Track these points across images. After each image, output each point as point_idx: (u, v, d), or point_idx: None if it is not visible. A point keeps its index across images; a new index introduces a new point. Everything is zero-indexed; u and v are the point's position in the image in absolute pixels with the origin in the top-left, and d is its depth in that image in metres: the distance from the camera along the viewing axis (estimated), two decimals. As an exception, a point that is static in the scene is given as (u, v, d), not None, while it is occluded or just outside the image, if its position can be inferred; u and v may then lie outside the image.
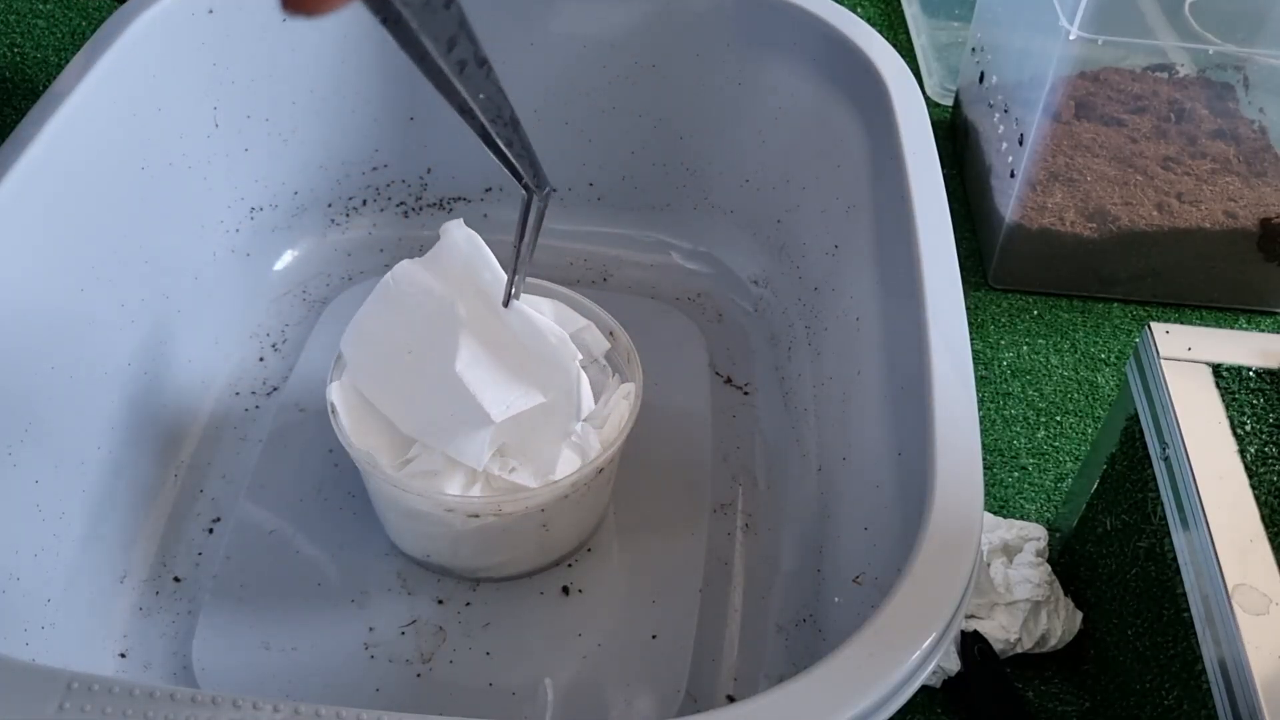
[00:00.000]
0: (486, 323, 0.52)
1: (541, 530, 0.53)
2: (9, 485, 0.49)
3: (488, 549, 0.54)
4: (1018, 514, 0.64)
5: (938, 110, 0.94)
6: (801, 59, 0.65)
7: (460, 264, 0.53)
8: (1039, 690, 0.57)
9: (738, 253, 0.72)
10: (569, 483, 0.51)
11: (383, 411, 0.52)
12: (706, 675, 0.53)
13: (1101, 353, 0.74)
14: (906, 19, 1.04)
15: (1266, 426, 0.49)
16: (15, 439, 0.49)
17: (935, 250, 0.51)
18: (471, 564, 0.55)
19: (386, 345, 0.53)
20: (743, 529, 0.59)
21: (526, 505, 0.51)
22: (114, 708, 0.33)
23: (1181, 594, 0.46)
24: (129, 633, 0.53)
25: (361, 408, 0.53)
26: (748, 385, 0.67)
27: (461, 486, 0.50)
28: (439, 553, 0.55)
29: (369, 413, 0.52)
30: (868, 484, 0.51)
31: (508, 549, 0.54)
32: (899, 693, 0.36)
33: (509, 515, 0.51)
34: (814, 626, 0.53)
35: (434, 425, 0.51)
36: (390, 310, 0.53)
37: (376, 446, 0.52)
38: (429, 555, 0.55)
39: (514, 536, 0.53)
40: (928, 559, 0.39)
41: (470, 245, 0.53)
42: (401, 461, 0.52)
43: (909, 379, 0.48)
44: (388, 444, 0.52)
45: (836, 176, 0.64)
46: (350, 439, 0.51)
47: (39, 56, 0.87)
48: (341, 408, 0.52)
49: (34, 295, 0.50)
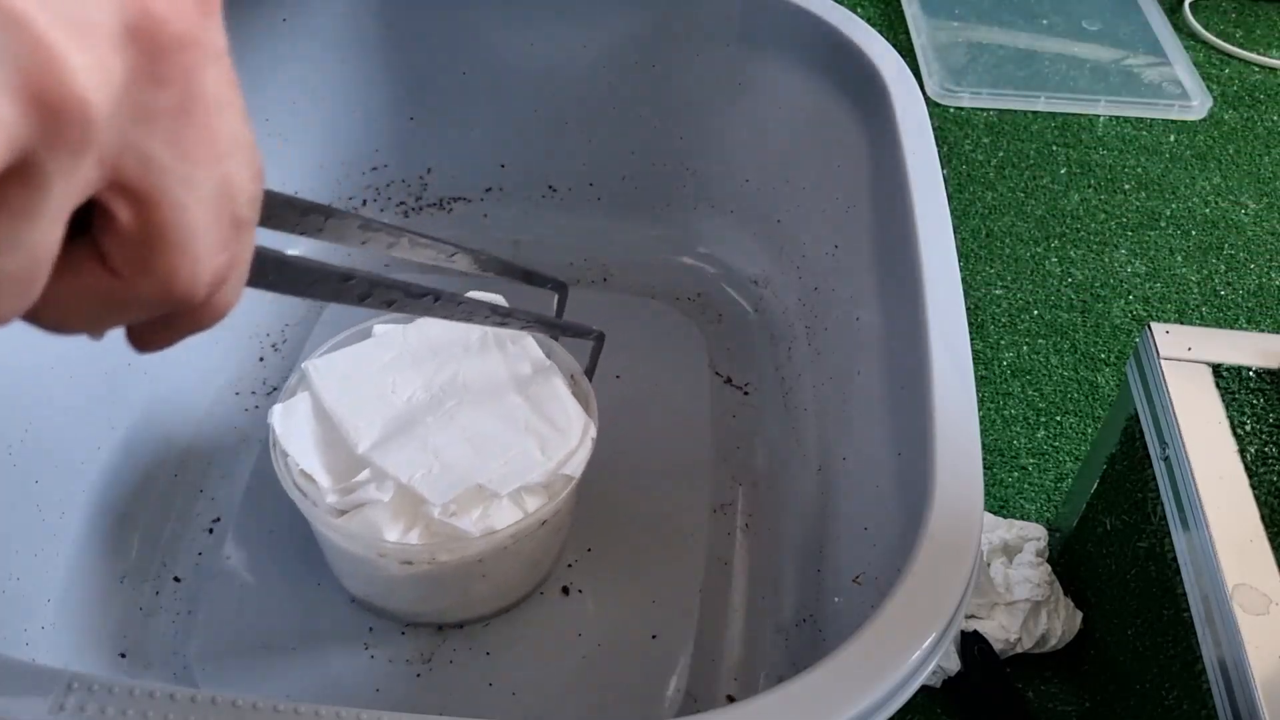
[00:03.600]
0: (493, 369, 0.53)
1: (481, 580, 0.51)
2: (9, 485, 0.49)
3: (423, 596, 0.52)
4: (1018, 514, 0.64)
5: (938, 110, 0.94)
6: (801, 59, 0.65)
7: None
8: (1039, 690, 0.57)
9: (738, 253, 0.72)
10: (508, 534, 0.48)
11: (341, 424, 0.50)
12: (706, 675, 0.53)
13: (1101, 353, 0.74)
14: (906, 19, 1.04)
15: (1266, 427, 0.49)
16: (15, 439, 0.49)
17: (935, 250, 0.51)
18: (407, 609, 0.53)
19: (366, 371, 0.52)
20: (743, 529, 0.59)
21: (463, 555, 0.48)
22: (114, 708, 0.33)
23: (1181, 594, 0.46)
24: (129, 633, 0.53)
25: (308, 428, 0.51)
26: (748, 385, 0.67)
27: (399, 530, 0.48)
28: (375, 595, 0.53)
29: (317, 433, 0.51)
30: (868, 484, 0.51)
31: (444, 597, 0.52)
32: (899, 693, 0.36)
33: (445, 564, 0.49)
34: (814, 626, 0.53)
35: (401, 456, 0.49)
36: (380, 348, 0.54)
37: (317, 467, 0.49)
38: (366, 596, 0.53)
39: (450, 585, 0.51)
40: (928, 559, 0.39)
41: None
42: (343, 487, 0.49)
43: (909, 379, 0.48)
44: (332, 465, 0.50)
45: (836, 176, 0.64)
46: (290, 457, 0.49)
47: (39, 56, 0.87)
48: (282, 428, 0.50)
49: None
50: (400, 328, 0.55)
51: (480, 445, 0.50)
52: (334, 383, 0.52)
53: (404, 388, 0.52)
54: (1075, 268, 0.81)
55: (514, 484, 0.48)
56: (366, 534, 0.47)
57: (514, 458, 0.49)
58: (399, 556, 0.48)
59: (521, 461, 0.49)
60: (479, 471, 0.49)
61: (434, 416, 0.51)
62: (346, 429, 0.50)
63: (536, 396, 0.53)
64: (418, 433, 0.50)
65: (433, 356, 0.54)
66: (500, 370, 0.54)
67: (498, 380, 0.53)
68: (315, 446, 0.50)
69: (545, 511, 0.49)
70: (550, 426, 0.51)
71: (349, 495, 0.49)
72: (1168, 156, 0.92)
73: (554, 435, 0.51)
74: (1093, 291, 0.79)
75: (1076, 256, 0.82)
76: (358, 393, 0.52)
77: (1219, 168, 0.91)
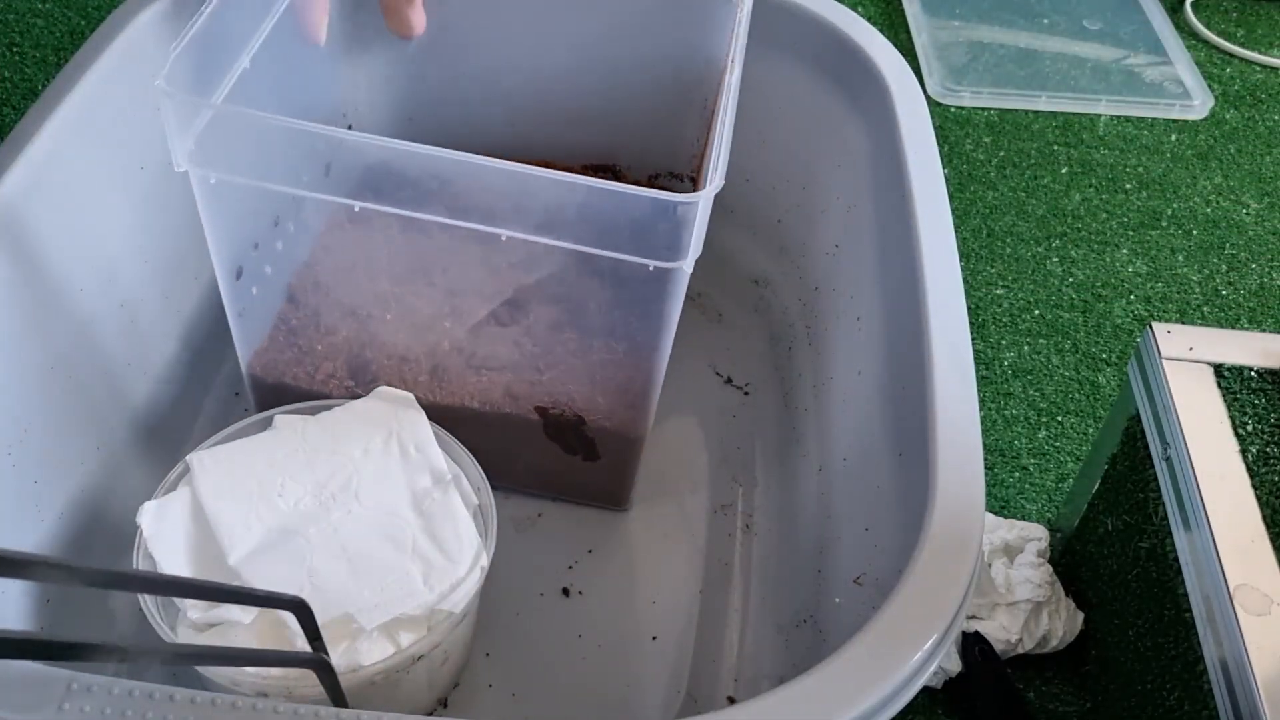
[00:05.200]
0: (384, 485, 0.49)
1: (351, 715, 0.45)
2: (9, 485, 0.48)
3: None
4: (1019, 514, 0.64)
5: (938, 110, 0.94)
6: (802, 58, 0.65)
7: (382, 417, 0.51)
8: (1040, 691, 0.57)
9: (738, 253, 0.72)
10: (374, 670, 0.44)
11: (216, 528, 0.47)
12: (707, 676, 0.53)
13: (1103, 352, 0.74)
14: (907, 18, 1.04)
15: (1268, 426, 0.49)
16: (15, 439, 0.49)
17: (936, 250, 0.51)
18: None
19: (255, 468, 0.49)
20: (743, 529, 0.59)
21: (321, 692, 0.42)
22: (114, 708, 0.33)
23: (1183, 594, 0.46)
24: (129, 633, 0.53)
25: (182, 530, 0.47)
26: (748, 385, 0.67)
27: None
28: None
29: (191, 535, 0.47)
30: (868, 484, 0.51)
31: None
32: (900, 694, 0.36)
33: (302, 698, 0.43)
34: (814, 627, 0.53)
35: (273, 572, 0.46)
36: (276, 441, 0.50)
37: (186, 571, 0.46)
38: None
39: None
40: (929, 559, 0.39)
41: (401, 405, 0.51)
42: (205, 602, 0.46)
43: (909, 379, 0.48)
44: (202, 574, 0.46)
45: (837, 176, 0.64)
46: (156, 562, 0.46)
47: (38, 56, 0.87)
48: (151, 529, 0.47)
49: (33, 295, 0.50)
50: (302, 419, 0.52)
51: (359, 567, 0.46)
52: (217, 479, 0.48)
53: (292, 490, 0.49)
54: (1076, 267, 0.81)
55: (384, 617, 0.44)
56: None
57: (391, 584, 0.46)
58: (252, 687, 0.43)
59: (399, 589, 0.45)
60: (351, 598, 0.45)
61: (317, 528, 0.47)
62: (221, 534, 0.46)
63: (430, 513, 0.48)
64: (295, 546, 0.46)
65: (330, 456, 0.50)
66: (398, 479, 0.50)
67: (393, 491, 0.49)
68: (186, 551, 0.47)
69: (420, 647, 0.45)
70: (438, 551, 0.47)
71: (210, 610, 0.45)
72: (1169, 156, 0.92)
73: (441, 562, 0.47)
74: (1094, 291, 0.79)
75: (1078, 256, 0.82)
76: (241, 492, 0.48)
77: (1220, 167, 0.91)
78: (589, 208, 0.44)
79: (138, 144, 0.58)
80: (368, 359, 0.57)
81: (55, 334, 0.52)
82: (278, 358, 0.57)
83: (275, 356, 0.57)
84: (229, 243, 0.52)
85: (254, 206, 0.55)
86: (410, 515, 0.48)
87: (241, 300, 0.55)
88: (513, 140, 0.69)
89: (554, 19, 0.65)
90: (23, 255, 0.50)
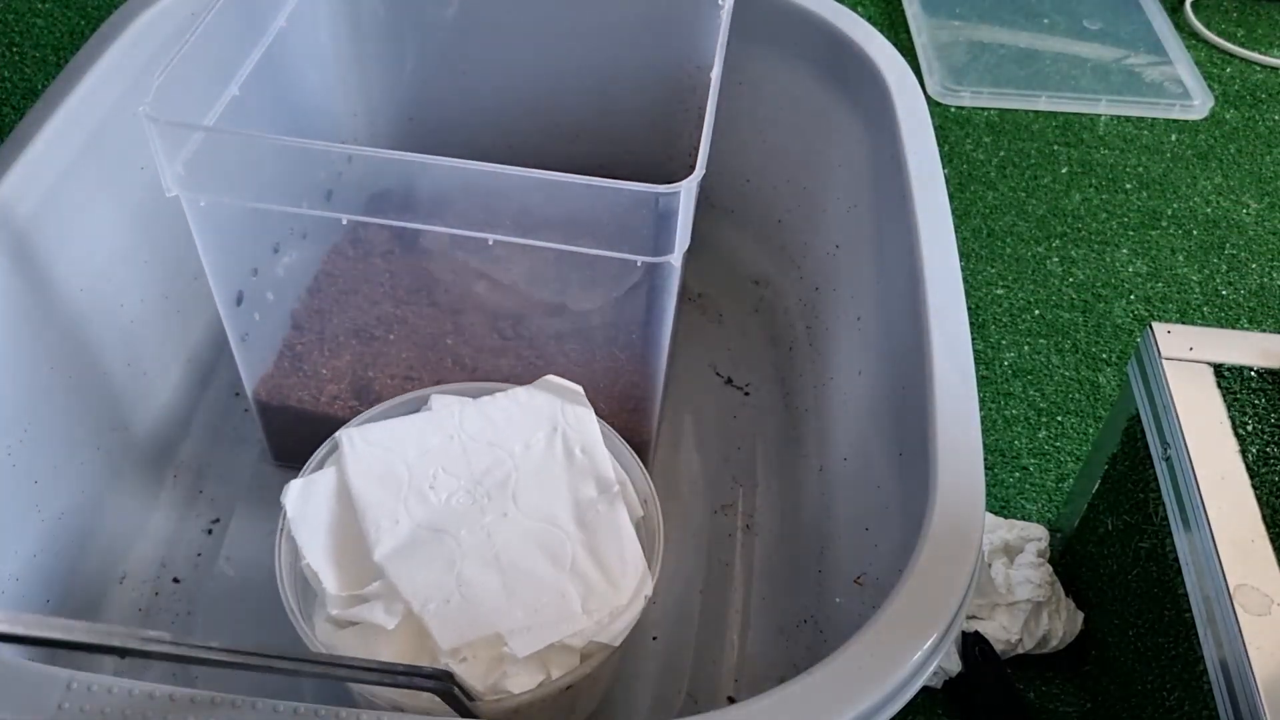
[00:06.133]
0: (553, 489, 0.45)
1: None
2: (9, 485, 0.48)
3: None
4: (1019, 514, 0.64)
5: (938, 110, 0.94)
6: (802, 59, 0.65)
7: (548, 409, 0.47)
8: (1040, 691, 0.57)
9: (738, 253, 0.72)
10: (522, 700, 0.41)
11: (364, 516, 0.44)
12: (707, 676, 0.53)
13: (1103, 353, 0.74)
14: (907, 18, 1.04)
15: (1268, 427, 0.49)
16: (15, 439, 0.49)
17: (936, 250, 0.51)
18: None
19: (408, 454, 0.46)
20: (743, 530, 0.59)
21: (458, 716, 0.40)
22: (114, 708, 0.33)
23: (1183, 594, 0.46)
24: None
25: (326, 512, 0.45)
26: (748, 385, 0.67)
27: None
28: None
29: (335, 518, 0.45)
30: (868, 484, 0.51)
31: None
32: (900, 694, 0.36)
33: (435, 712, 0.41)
34: (815, 627, 0.53)
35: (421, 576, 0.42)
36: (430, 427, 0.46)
37: (325, 565, 0.43)
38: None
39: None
40: (929, 560, 0.39)
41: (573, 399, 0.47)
42: (350, 596, 0.43)
43: (910, 379, 0.48)
44: (344, 563, 0.43)
45: (837, 176, 0.64)
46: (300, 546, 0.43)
47: (38, 56, 0.87)
48: (295, 509, 0.44)
49: (33, 295, 0.50)
50: (459, 403, 0.48)
51: (513, 581, 0.43)
52: (368, 461, 0.45)
53: (445, 484, 0.45)
54: (1076, 267, 0.81)
55: (537, 645, 0.41)
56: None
57: (546, 606, 0.42)
58: (390, 703, 0.41)
59: (554, 612, 0.42)
60: (503, 616, 0.41)
61: (469, 530, 0.44)
62: (368, 525, 0.44)
63: (594, 527, 0.45)
64: (446, 548, 0.43)
65: (488, 449, 0.47)
66: (560, 484, 0.46)
67: (554, 496, 0.46)
68: (329, 537, 0.44)
69: (572, 679, 0.42)
70: (599, 572, 0.44)
71: (351, 608, 0.42)
72: (1169, 156, 0.92)
73: (601, 585, 0.43)
74: (1094, 291, 0.79)
75: (1078, 256, 0.82)
76: (392, 479, 0.45)
77: (1220, 167, 0.91)
78: (570, 204, 0.44)
79: (137, 145, 0.58)
80: (371, 378, 0.57)
81: (55, 334, 0.52)
82: (283, 382, 0.57)
83: (281, 381, 0.57)
84: (226, 268, 0.52)
85: (252, 232, 0.55)
86: (571, 528, 0.45)
87: (243, 326, 0.54)
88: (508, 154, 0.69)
89: (548, 33, 0.65)
90: (22, 255, 0.50)
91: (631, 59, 0.66)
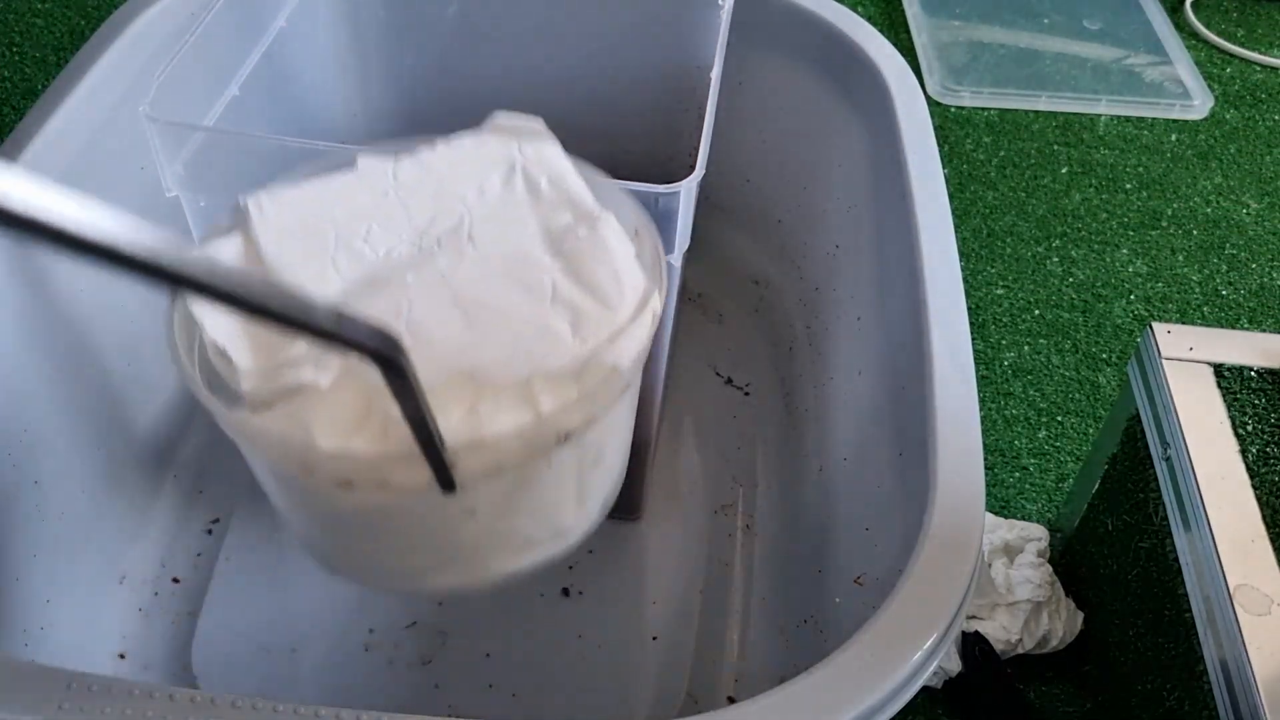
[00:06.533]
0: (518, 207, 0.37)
1: (468, 519, 0.33)
2: (9, 486, 0.48)
3: (384, 545, 0.35)
4: (1019, 514, 0.64)
5: (938, 110, 0.94)
6: (802, 59, 0.65)
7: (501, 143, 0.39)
8: (1040, 691, 0.57)
9: (738, 253, 0.72)
10: (504, 446, 0.31)
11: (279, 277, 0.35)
12: (707, 676, 0.53)
13: (1103, 353, 0.74)
14: (907, 18, 1.04)
15: (1268, 427, 0.49)
16: (15, 439, 0.49)
17: (936, 250, 0.51)
18: (367, 566, 0.36)
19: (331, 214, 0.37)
20: (743, 530, 0.59)
21: (425, 481, 0.31)
22: (114, 708, 0.33)
23: (1183, 594, 0.46)
24: (128, 633, 0.53)
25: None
26: (748, 385, 0.67)
27: (340, 433, 0.31)
28: (321, 544, 0.37)
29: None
30: (868, 484, 0.51)
31: (415, 547, 0.35)
32: (900, 694, 0.36)
33: (404, 489, 0.31)
34: (815, 627, 0.53)
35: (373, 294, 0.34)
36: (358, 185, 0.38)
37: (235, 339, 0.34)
38: (312, 544, 0.37)
39: (420, 527, 0.34)
40: (929, 559, 0.39)
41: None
42: (269, 368, 0.33)
43: (910, 379, 0.48)
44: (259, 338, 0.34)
45: (837, 176, 0.64)
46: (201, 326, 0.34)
47: (38, 56, 0.87)
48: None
49: (33, 296, 0.50)
50: (392, 159, 0.39)
51: (479, 318, 0.34)
52: (282, 225, 0.36)
53: (382, 237, 0.36)
54: (1076, 267, 0.81)
55: (521, 371, 0.32)
56: (291, 436, 0.31)
57: (527, 336, 0.33)
58: (333, 474, 0.31)
59: (539, 341, 0.33)
60: (471, 352, 0.33)
61: (417, 275, 0.35)
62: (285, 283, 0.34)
63: (576, 254, 0.36)
64: (390, 294, 0.34)
65: (432, 200, 0.38)
66: (527, 218, 0.37)
67: (522, 232, 0.37)
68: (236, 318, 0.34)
69: (569, 418, 0.32)
70: (589, 295, 0.35)
71: (274, 380, 0.33)
72: (1169, 156, 0.92)
73: (594, 308, 0.34)
74: (1094, 291, 0.79)
75: (1078, 256, 0.82)
76: (315, 237, 0.36)
77: (1220, 167, 0.91)
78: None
79: (137, 145, 0.58)
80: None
81: (55, 334, 0.52)
82: None
83: None
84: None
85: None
86: (546, 258, 0.36)
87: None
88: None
89: (548, 33, 0.65)
90: (22, 255, 0.50)
91: (631, 59, 0.65)
